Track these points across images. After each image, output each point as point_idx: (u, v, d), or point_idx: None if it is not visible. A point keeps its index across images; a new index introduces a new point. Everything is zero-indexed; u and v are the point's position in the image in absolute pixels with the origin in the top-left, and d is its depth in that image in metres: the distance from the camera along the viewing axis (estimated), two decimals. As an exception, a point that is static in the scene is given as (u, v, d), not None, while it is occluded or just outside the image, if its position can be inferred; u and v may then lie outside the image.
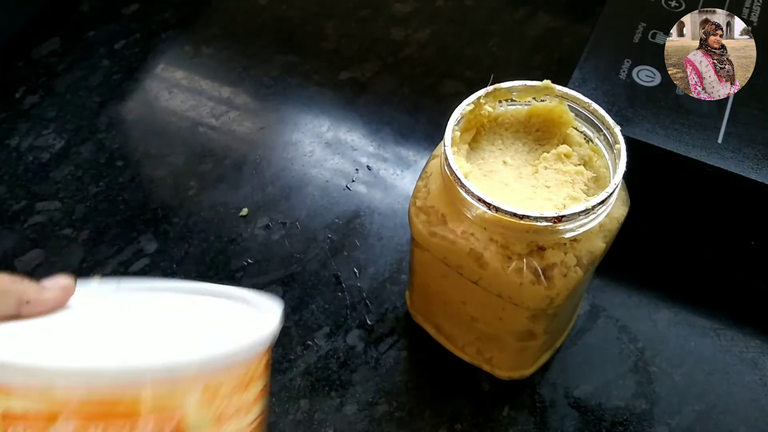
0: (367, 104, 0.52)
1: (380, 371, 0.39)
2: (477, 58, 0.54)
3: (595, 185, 0.31)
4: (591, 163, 0.32)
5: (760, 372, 0.38)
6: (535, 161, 0.32)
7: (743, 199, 0.39)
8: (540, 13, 0.56)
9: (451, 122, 0.31)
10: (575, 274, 0.30)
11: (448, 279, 0.33)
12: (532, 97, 0.33)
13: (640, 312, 0.41)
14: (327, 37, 0.56)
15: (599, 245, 0.30)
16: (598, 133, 0.32)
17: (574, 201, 0.30)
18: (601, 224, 0.30)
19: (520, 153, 0.33)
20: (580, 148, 0.32)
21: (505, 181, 0.31)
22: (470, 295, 0.33)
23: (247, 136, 0.50)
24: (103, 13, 0.57)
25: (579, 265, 0.30)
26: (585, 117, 0.32)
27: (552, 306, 0.30)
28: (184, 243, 0.44)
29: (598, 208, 0.28)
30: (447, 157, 0.29)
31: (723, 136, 0.39)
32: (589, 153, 0.32)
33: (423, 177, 0.33)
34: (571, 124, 0.33)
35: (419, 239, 0.33)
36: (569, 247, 0.30)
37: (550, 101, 0.33)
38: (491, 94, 0.32)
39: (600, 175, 0.31)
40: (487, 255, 0.30)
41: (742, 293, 0.41)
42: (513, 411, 0.37)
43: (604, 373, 0.38)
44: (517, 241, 0.29)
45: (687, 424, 0.37)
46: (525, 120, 0.33)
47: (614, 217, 0.31)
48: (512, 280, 0.30)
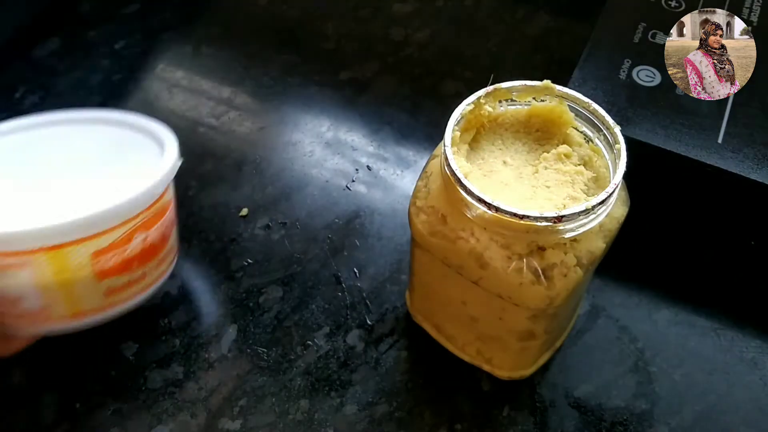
0: (367, 104, 0.52)
1: (380, 371, 0.39)
2: (477, 58, 0.54)
3: (595, 185, 0.31)
4: (591, 163, 0.32)
5: (760, 372, 0.38)
6: (535, 161, 0.32)
7: (743, 199, 0.39)
8: (540, 13, 0.56)
9: (451, 122, 0.31)
10: (575, 274, 0.30)
11: (448, 279, 0.33)
12: (532, 97, 0.33)
13: (640, 312, 0.41)
14: (327, 37, 0.56)
15: (599, 245, 0.30)
16: (598, 133, 0.32)
17: (574, 201, 0.30)
18: (601, 224, 0.30)
19: (520, 153, 0.33)
20: (580, 148, 0.32)
21: (505, 181, 0.31)
22: (470, 296, 0.33)
23: (247, 136, 0.50)
24: (103, 13, 0.57)
25: (579, 265, 0.30)
26: (585, 117, 0.32)
27: (552, 306, 0.30)
28: (185, 243, 0.44)
29: (598, 208, 0.28)
30: (447, 157, 0.29)
31: (723, 136, 0.39)
32: (589, 153, 0.32)
33: (423, 177, 0.33)
34: (571, 124, 0.33)
35: (419, 239, 0.33)
36: (569, 247, 0.30)
37: (550, 101, 0.33)
38: (491, 94, 0.32)
39: (600, 175, 0.31)
40: (487, 255, 0.30)
41: (742, 293, 0.41)
42: (513, 411, 0.37)
43: (604, 373, 0.38)
44: (517, 241, 0.29)
45: (687, 424, 0.37)
46: (525, 120, 0.33)
47: (614, 217, 0.31)
48: (512, 280, 0.30)
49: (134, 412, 0.37)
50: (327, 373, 0.39)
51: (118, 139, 0.39)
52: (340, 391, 0.38)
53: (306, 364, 0.39)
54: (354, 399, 0.38)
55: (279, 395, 0.38)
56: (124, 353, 0.40)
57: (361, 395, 0.38)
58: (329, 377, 0.39)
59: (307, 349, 0.40)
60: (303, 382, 0.39)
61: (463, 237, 0.30)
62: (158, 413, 0.37)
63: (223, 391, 0.38)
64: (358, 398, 0.38)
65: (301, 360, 0.39)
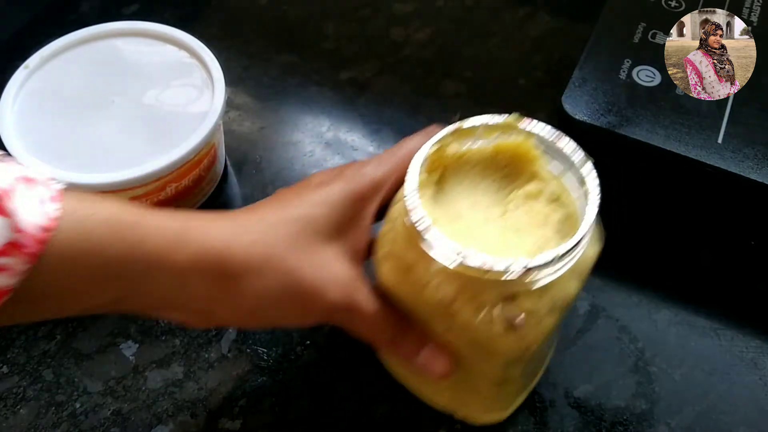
0: (367, 104, 0.52)
1: (380, 371, 0.39)
2: (477, 58, 0.54)
3: (567, 223, 0.30)
4: (563, 200, 0.30)
5: (760, 372, 0.38)
6: (503, 201, 0.31)
7: (743, 199, 0.39)
8: (540, 13, 0.56)
9: (413, 166, 0.29)
10: (549, 320, 0.28)
11: (416, 327, 0.32)
12: (498, 134, 0.31)
13: (640, 312, 0.41)
14: (327, 37, 0.56)
15: (573, 287, 0.29)
16: (569, 168, 0.30)
17: (547, 243, 0.29)
18: (572, 267, 0.28)
19: (488, 193, 0.31)
20: (550, 184, 0.31)
21: (472, 226, 0.30)
22: (441, 344, 0.32)
23: (247, 136, 0.50)
24: (103, 13, 0.57)
25: (552, 310, 0.28)
26: (555, 151, 0.31)
27: (527, 353, 0.29)
28: (184, 243, 0.44)
29: (569, 254, 0.27)
30: (408, 208, 0.28)
31: (723, 136, 0.39)
32: (561, 189, 0.30)
33: (388, 221, 0.31)
34: (540, 160, 0.31)
35: (385, 289, 0.31)
36: (541, 293, 0.28)
37: (516, 136, 0.31)
38: (455, 133, 0.31)
39: (572, 211, 0.30)
40: (456, 305, 0.28)
41: (742, 293, 0.41)
42: (513, 411, 0.37)
43: (604, 373, 0.38)
44: (487, 290, 0.28)
45: (687, 424, 0.37)
46: (492, 157, 0.32)
47: (587, 257, 0.29)
48: (483, 330, 0.28)
49: (134, 412, 0.37)
50: (327, 373, 0.39)
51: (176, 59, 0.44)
52: (340, 390, 0.38)
53: (306, 364, 0.39)
54: (354, 399, 0.38)
55: (279, 395, 0.38)
56: (124, 353, 0.40)
57: (362, 395, 0.38)
58: (329, 377, 0.39)
59: (307, 349, 0.40)
60: (303, 382, 0.38)
61: (431, 286, 0.29)
62: (158, 413, 0.37)
63: (223, 391, 0.38)
64: (359, 398, 0.38)
65: (301, 360, 0.39)
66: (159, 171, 0.39)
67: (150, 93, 0.42)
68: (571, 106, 0.41)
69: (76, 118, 0.41)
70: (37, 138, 0.40)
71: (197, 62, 0.44)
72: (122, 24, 0.46)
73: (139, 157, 0.39)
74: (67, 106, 0.42)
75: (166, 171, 0.39)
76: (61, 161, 0.39)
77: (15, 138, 0.40)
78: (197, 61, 0.44)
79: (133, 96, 0.42)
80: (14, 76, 0.42)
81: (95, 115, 0.41)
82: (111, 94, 0.42)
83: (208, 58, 0.44)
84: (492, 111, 0.32)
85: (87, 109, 0.42)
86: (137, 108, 0.42)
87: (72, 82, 0.43)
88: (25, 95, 0.42)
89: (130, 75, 0.43)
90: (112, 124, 0.41)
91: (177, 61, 0.44)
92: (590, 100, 0.41)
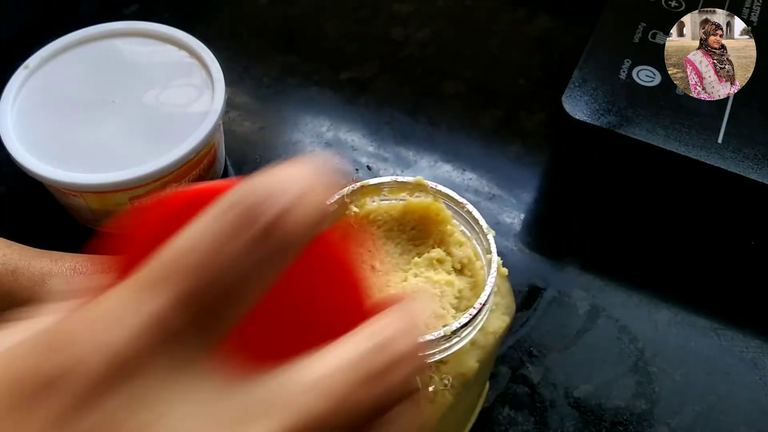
0: (367, 104, 0.52)
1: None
2: (477, 58, 0.54)
3: (472, 292, 0.28)
4: (471, 266, 0.29)
5: (760, 372, 0.38)
6: (406, 266, 0.29)
7: (743, 199, 0.39)
8: (540, 13, 0.56)
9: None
10: (444, 398, 0.27)
11: None
12: (405, 193, 0.30)
13: (640, 312, 0.41)
14: (327, 37, 0.56)
15: (471, 365, 0.27)
16: (476, 234, 0.29)
17: (440, 320, 0.27)
18: (473, 341, 0.27)
19: (391, 255, 0.29)
20: (460, 248, 0.29)
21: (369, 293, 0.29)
22: None
23: (246, 136, 0.50)
24: (103, 14, 0.57)
25: (448, 388, 0.27)
26: (461, 216, 0.29)
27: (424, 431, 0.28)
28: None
29: (462, 331, 0.25)
30: None
31: (723, 136, 0.39)
32: (469, 254, 0.29)
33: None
34: (449, 222, 0.29)
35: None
36: (435, 370, 0.27)
37: (425, 197, 0.30)
38: (358, 191, 0.29)
39: (479, 280, 0.28)
40: None
41: (742, 293, 0.41)
42: (513, 411, 0.37)
43: (604, 373, 0.38)
44: None
45: (687, 424, 0.37)
46: (400, 217, 0.30)
47: (490, 332, 0.28)
48: None
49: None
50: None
51: (176, 59, 0.45)
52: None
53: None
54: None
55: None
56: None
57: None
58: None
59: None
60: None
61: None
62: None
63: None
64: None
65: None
66: (159, 171, 0.39)
67: (150, 93, 0.43)
68: (571, 106, 0.41)
69: (76, 119, 0.41)
70: (37, 138, 0.40)
71: (197, 62, 0.44)
72: (122, 24, 0.46)
73: (139, 157, 0.39)
74: (67, 106, 0.42)
75: (166, 171, 0.39)
76: (61, 161, 0.39)
77: (15, 138, 0.40)
78: (197, 61, 0.44)
79: (133, 96, 0.42)
80: (14, 76, 0.42)
81: (95, 116, 0.41)
82: (111, 94, 0.42)
83: (208, 58, 0.44)
84: (492, 111, 0.32)
85: (87, 110, 0.42)
86: (137, 108, 0.42)
87: (72, 82, 0.43)
88: (25, 95, 0.42)
89: (130, 75, 0.43)
90: (112, 124, 0.41)
91: (177, 61, 0.44)
92: (590, 100, 0.41)
